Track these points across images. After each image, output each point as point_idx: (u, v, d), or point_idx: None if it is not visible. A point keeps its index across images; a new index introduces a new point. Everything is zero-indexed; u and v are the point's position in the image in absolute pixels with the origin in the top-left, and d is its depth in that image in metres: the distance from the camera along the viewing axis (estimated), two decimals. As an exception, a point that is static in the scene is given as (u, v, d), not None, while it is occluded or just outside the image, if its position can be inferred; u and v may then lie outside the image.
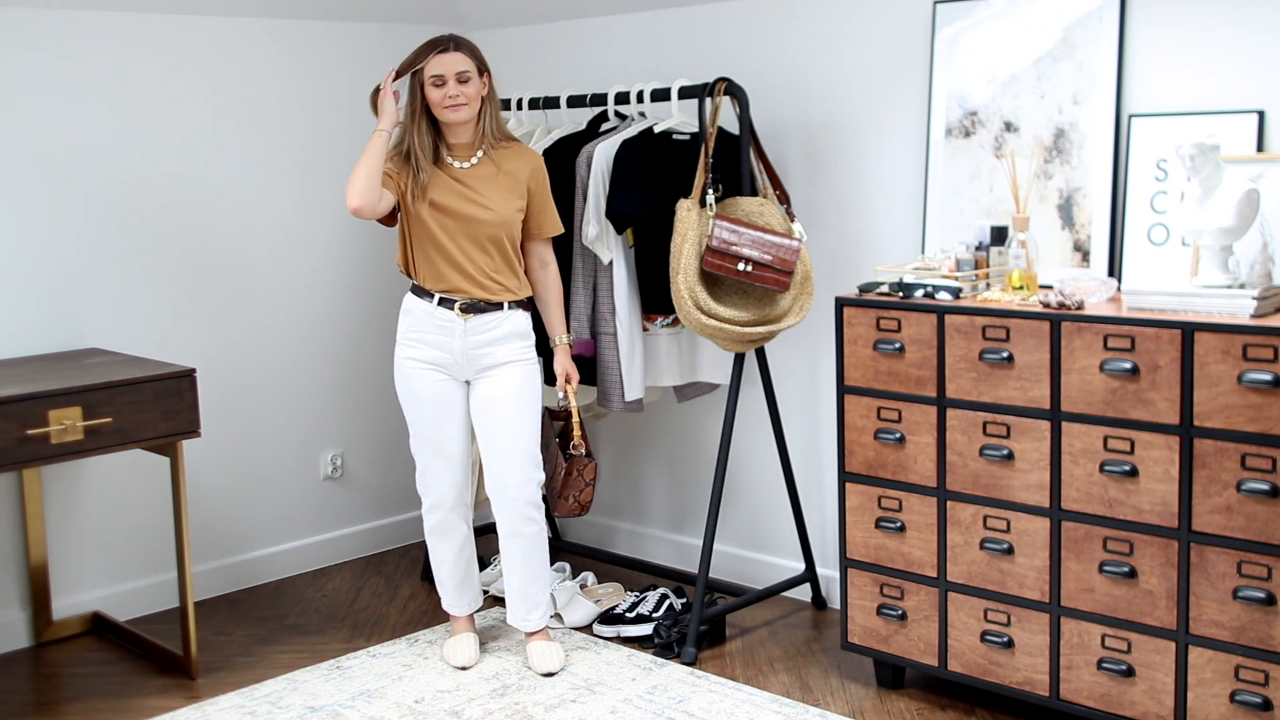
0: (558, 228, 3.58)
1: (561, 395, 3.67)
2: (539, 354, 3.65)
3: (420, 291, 3.47)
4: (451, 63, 3.36)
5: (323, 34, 4.43)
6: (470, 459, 3.60)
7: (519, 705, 3.34)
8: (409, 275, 3.51)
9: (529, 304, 3.57)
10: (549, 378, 3.84)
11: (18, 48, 3.75)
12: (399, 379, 3.52)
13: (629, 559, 4.36)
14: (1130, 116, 3.24)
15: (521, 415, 3.48)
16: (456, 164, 3.45)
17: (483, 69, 3.43)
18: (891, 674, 3.39)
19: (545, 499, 3.67)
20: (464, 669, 3.59)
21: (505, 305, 3.46)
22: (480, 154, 3.46)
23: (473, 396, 3.50)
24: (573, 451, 3.71)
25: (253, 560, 4.38)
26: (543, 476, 3.55)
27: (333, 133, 4.46)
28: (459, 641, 3.65)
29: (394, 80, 3.42)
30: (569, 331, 3.68)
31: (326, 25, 4.44)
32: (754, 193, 3.68)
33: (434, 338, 3.45)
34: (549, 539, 4.47)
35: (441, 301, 3.43)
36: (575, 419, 3.68)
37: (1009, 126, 3.46)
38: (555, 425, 3.80)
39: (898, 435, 3.22)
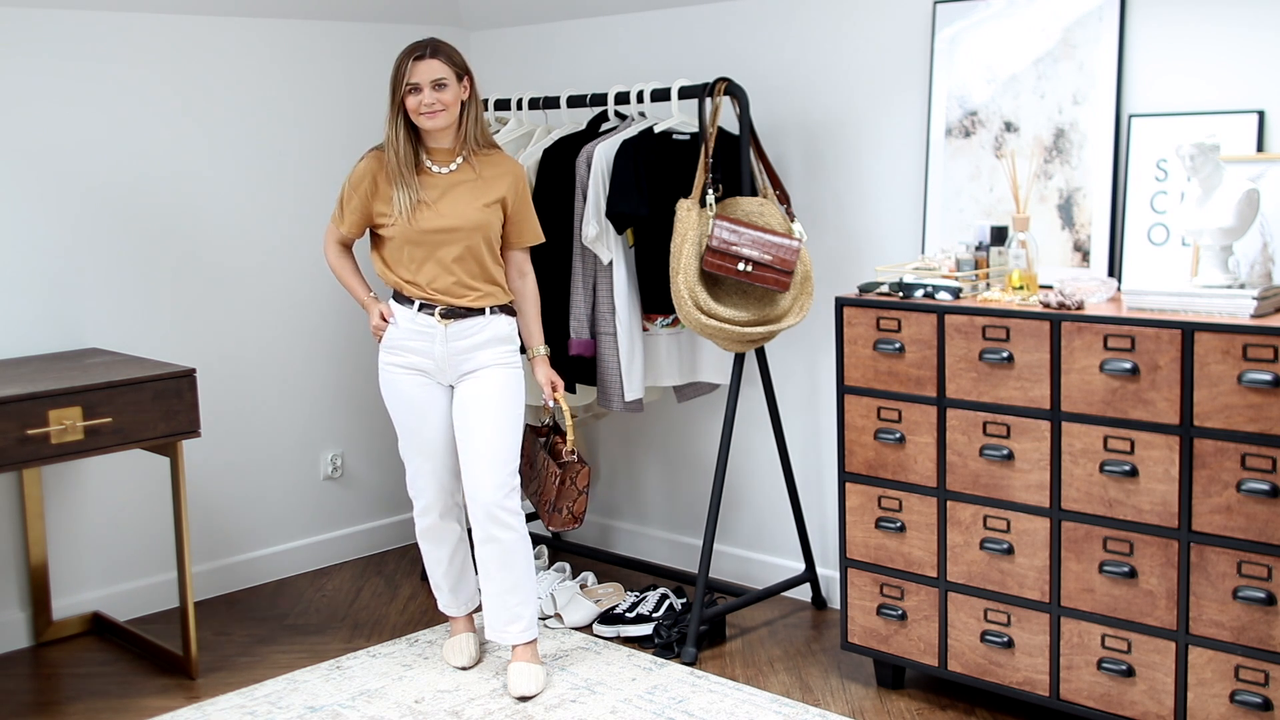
0: (537, 237, 3.56)
1: (551, 403, 3.61)
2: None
3: (401, 299, 3.44)
4: (426, 70, 3.30)
5: (322, 34, 4.43)
6: (457, 488, 3.58)
7: (519, 705, 3.34)
8: (389, 283, 3.48)
9: (513, 309, 3.54)
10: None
11: (17, 48, 3.75)
12: (384, 385, 3.50)
13: (629, 559, 4.36)
14: (1130, 116, 3.24)
15: (498, 417, 3.42)
16: (435, 169, 3.41)
17: (462, 74, 3.37)
18: (891, 674, 3.39)
19: (535, 512, 3.63)
20: (464, 669, 3.59)
21: (486, 311, 3.42)
22: (460, 160, 3.42)
23: (454, 400, 3.47)
24: (565, 458, 3.68)
25: (253, 560, 4.38)
26: (518, 482, 3.46)
27: (332, 132, 4.46)
28: (458, 642, 3.65)
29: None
30: (545, 343, 3.60)
31: (326, 25, 4.44)
32: (754, 193, 3.68)
33: (415, 344, 3.42)
34: (551, 537, 4.49)
35: (422, 308, 3.41)
36: (569, 422, 3.64)
37: (1009, 126, 3.46)
38: (539, 441, 3.76)
39: (898, 435, 3.22)
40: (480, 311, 3.42)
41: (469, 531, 3.65)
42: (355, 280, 3.56)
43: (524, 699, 3.37)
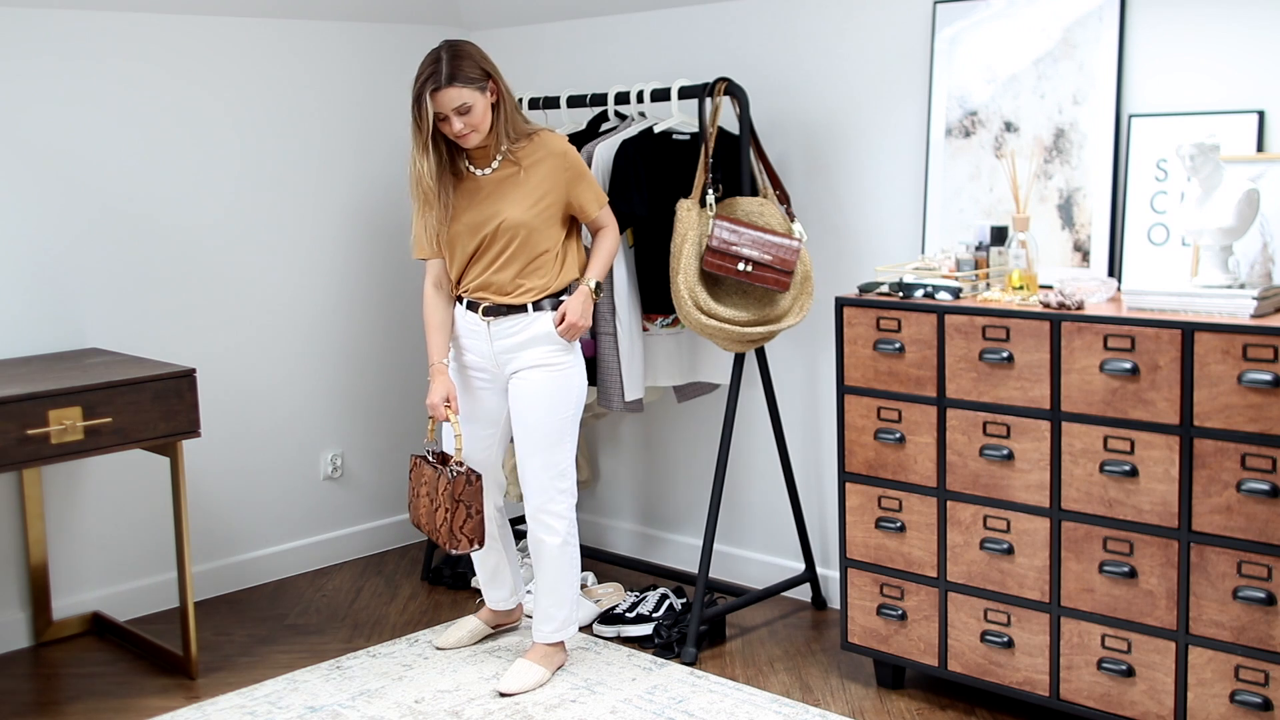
0: (600, 201, 3.45)
1: (443, 423, 3.48)
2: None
3: (460, 295, 3.49)
4: (446, 100, 3.24)
5: (321, 34, 4.43)
6: (499, 463, 3.62)
7: (519, 705, 3.34)
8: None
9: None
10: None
11: (18, 48, 3.75)
12: (457, 381, 3.54)
13: (629, 559, 4.36)
14: (1130, 116, 3.24)
15: (540, 422, 3.41)
16: (478, 172, 3.41)
17: (484, 83, 3.30)
18: (891, 674, 3.39)
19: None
20: (439, 648, 3.71)
21: (529, 308, 3.40)
22: (499, 159, 3.39)
23: (509, 397, 3.50)
24: (456, 472, 3.39)
25: (253, 560, 4.38)
26: (568, 485, 3.45)
27: (331, 132, 4.46)
28: (459, 622, 3.76)
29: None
30: (598, 285, 3.46)
31: (325, 25, 4.43)
32: (754, 193, 3.68)
33: (469, 341, 3.48)
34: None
35: (470, 305, 3.44)
36: (456, 444, 3.42)
37: (1009, 126, 3.46)
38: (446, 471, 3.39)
39: (898, 435, 3.22)
40: (523, 309, 3.40)
41: (504, 532, 3.71)
42: (436, 334, 3.48)
43: (504, 694, 3.39)
